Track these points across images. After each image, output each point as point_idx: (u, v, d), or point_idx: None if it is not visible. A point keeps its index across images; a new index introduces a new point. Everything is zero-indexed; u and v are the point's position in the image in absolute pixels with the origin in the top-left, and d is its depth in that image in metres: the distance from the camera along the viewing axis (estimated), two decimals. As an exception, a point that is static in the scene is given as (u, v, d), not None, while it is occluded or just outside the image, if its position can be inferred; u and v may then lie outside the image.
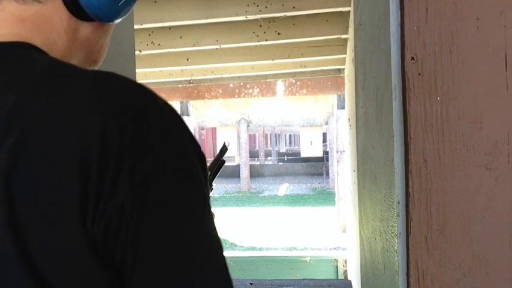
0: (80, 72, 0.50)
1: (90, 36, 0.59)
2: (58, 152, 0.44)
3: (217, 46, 3.69)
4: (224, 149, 0.99)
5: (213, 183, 0.93)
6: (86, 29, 0.59)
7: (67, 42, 0.57)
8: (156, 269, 0.45)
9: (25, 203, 0.44)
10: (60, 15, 0.56)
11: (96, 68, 0.65)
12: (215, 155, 0.98)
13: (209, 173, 0.91)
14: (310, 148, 16.54)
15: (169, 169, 0.47)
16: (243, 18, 3.07)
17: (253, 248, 7.82)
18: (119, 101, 0.46)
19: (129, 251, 0.45)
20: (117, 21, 0.62)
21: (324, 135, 19.04)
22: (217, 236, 0.50)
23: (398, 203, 0.77)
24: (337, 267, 5.39)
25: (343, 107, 7.77)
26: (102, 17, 0.58)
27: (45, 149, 0.44)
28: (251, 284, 3.86)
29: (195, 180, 0.48)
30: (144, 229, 0.45)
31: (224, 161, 0.99)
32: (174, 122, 0.49)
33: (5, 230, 0.43)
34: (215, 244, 0.49)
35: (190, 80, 5.26)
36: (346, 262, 5.09)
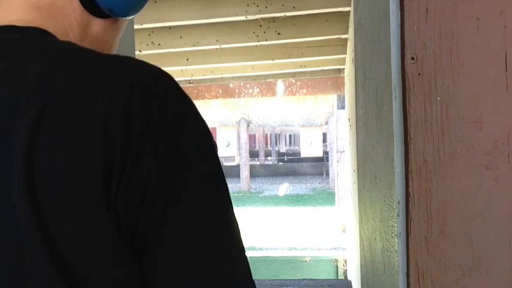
0: (102, 54, 0.50)
1: (101, 33, 0.59)
2: (82, 121, 0.44)
3: (217, 46, 3.69)
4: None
5: None
6: (97, 25, 0.58)
7: (79, 35, 0.57)
8: (179, 259, 0.45)
9: (46, 173, 0.43)
10: (73, 7, 0.56)
11: None
12: None
13: None
14: (310, 148, 16.52)
15: (197, 146, 0.48)
16: (243, 18, 3.07)
17: (253, 248, 7.82)
18: (143, 79, 0.47)
19: (152, 233, 0.44)
20: (130, 17, 0.61)
21: (324, 135, 19.04)
22: (239, 231, 0.50)
23: (398, 203, 0.77)
24: (337, 267, 5.39)
25: (343, 107, 7.77)
26: (116, 11, 0.58)
27: (69, 119, 0.44)
28: (251, 284, 3.85)
29: (220, 167, 0.49)
30: (170, 207, 0.45)
31: None
32: (193, 105, 0.50)
33: (24, 200, 0.43)
34: (239, 240, 0.49)
35: (190, 80, 5.26)
36: (346, 262, 5.09)
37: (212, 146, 0.49)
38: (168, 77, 0.48)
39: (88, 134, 0.44)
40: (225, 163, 22.56)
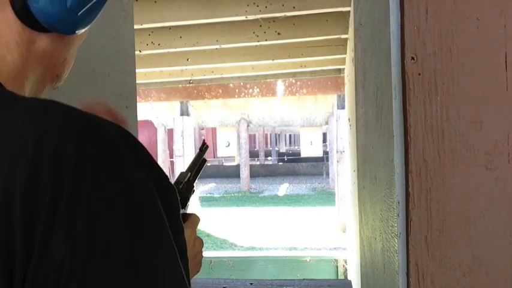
0: (15, 100, 0.43)
1: (49, 49, 0.52)
2: None
3: (217, 46, 3.69)
4: (204, 148, 0.96)
5: (195, 185, 0.90)
6: (43, 41, 0.51)
7: (19, 56, 0.50)
8: None
9: None
10: (10, 25, 0.49)
11: (60, 82, 0.58)
12: (195, 155, 0.95)
13: (189, 174, 0.89)
14: (310, 148, 16.52)
15: (118, 213, 0.40)
16: (243, 18, 3.07)
17: (253, 248, 7.82)
18: (56, 130, 0.40)
19: None
20: (79, 32, 0.54)
21: (324, 135, 19.04)
22: (183, 279, 0.44)
23: (398, 203, 0.77)
24: (337, 267, 5.39)
25: (343, 107, 7.78)
26: (59, 28, 0.50)
27: None
28: (251, 284, 3.86)
29: (152, 221, 0.42)
30: (90, 284, 0.38)
31: (205, 160, 0.95)
32: (126, 151, 0.43)
33: None
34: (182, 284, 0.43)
35: (190, 80, 5.26)
36: (346, 262, 5.09)
37: (149, 197, 0.42)
38: (91, 124, 0.42)
39: None
40: (225, 163, 22.56)
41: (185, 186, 0.86)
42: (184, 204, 0.85)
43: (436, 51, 0.75)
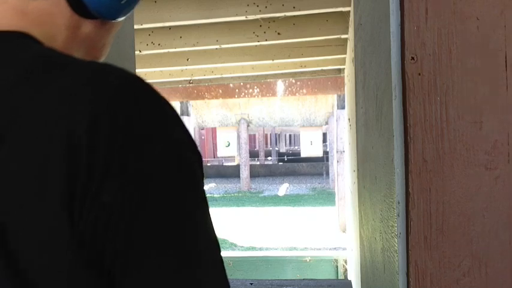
0: (75, 63, 0.48)
1: (92, 34, 0.59)
2: (43, 141, 0.42)
3: (217, 46, 3.69)
4: None
5: None
6: (87, 26, 0.57)
7: (67, 38, 0.56)
8: (149, 279, 0.43)
9: (5, 199, 0.42)
10: (61, 11, 0.55)
11: None
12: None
13: None
14: (310, 148, 16.53)
15: (166, 166, 0.45)
16: (243, 18, 3.07)
17: (253, 248, 7.83)
18: (112, 94, 0.44)
19: (119, 256, 0.43)
20: (120, 19, 0.61)
21: (324, 135, 19.05)
22: (217, 242, 0.48)
23: (398, 203, 0.77)
24: (337, 267, 5.39)
25: (343, 107, 7.78)
26: (104, 14, 0.57)
27: (28, 135, 0.42)
28: (251, 284, 3.86)
29: (194, 180, 0.47)
30: (137, 232, 0.43)
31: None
32: (172, 117, 0.47)
33: None
34: (215, 253, 0.47)
35: (190, 80, 5.26)
36: (346, 262, 5.09)
37: (191, 160, 0.47)
38: (143, 90, 0.46)
39: (48, 151, 0.42)
40: (225, 163, 22.57)
41: None
42: None
43: (435, 51, 0.75)
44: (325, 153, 18.42)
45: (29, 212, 0.42)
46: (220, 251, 0.48)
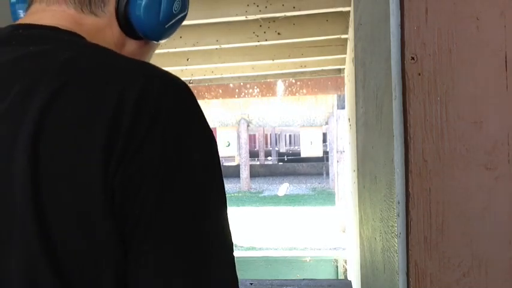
0: (125, 56, 0.56)
1: (136, 52, 0.65)
2: (95, 97, 0.47)
3: (217, 46, 3.69)
4: None
5: None
6: (131, 45, 0.64)
7: None
8: (168, 250, 0.46)
9: (51, 138, 0.45)
10: (112, 29, 0.61)
11: None
12: None
13: None
14: (310, 148, 16.52)
15: (202, 147, 0.49)
16: (243, 18, 3.06)
17: (253, 248, 7.82)
18: (161, 78, 0.50)
19: (144, 218, 0.45)
20: (162, 41, 0.67)
21: (324, 135, 19.03)
22: (229, 230, 0.52)
23: (398, 203, 0.77)
24: (337, 267, 5.39)
25: (343, 107, 7.78)
26: (150, 36, 0.63)
27: (83, 93, 0.47)
28: (251, 284, 3.86)
29: (219, 171, 0.51)
30: (167, 193, 0.46)
31: None
32: (205, 119, 0.52)
33: (25, 167, 0.44)
34: (229, 238, 0.51)
35: (190, 80, 5.26)
36: (346, 262, 5.09)
37: (215, 152, 0.52)
38: (184, 85, 0.52)
39: (97, 108, 0.46)
40: (225, 163, 22.57)
41: None
42: None
43: (435, 51, 0.75)
44: (325, 153, 18.41)
45: (68, 167, 0.45)
46: (232, 246, 0.52)
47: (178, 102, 0.50)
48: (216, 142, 0.52)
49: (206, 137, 0.51)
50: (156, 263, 0.45)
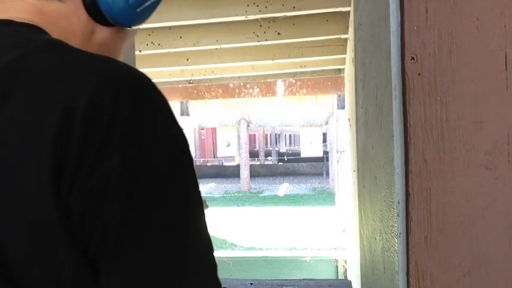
0: (82, 51, 0.50)
1: (107, 40, 0.59)
2: (42, 105, 0.42)
3: (217, 46, 3.69)
4: None
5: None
6: (102, 33, 0.59)
7: (81, 42, 0.56)
8: (140, 262, 0.42)
9: None
10: (78, 15, 0.56)
11: None
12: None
13: None
14: (310, 148, 16.53)
15: (167, 149, 0.45)
16: (243, 18, 3.06)
17: (253, 248, 7.82)
18: (118, 78, 0.45)
19: (111, 235, 0.41)
20: (135, 27, 0.62)
21: (324, 135, 19.04)
22: (208, 234, 0.47)
23: (398, 203, 0.77)
24: (337, 267, 5.39)
25: (343, 107, 7.77)
26: (120, 21, 0.58)
27: (29, 101, 0.43)
28: (251, 284, 3.86)
29: (189, 173, 0.46)
30: (133, 210, 0.42)
31: None
32: (169, 109, 0.47)
33: None
34: (207, 243, 0.47)
35: (190, 80, 5.26)
36: (346, 262, 5.09)
37: (185, 156, 0.47)
38: (145, 82, 0.46)
39: (42, 120, 0.42)
40: (225, 163, 22.56)
41: None
42: None
43: (435, 51, 0.75)
44: (325, 153, 18.41)
45: (14, 183, 0.42)
46: (212, 250, 0.47)
47: (138, 106, 0.44)
48: (186, 142, 0.47)
49: (173, 141, 0.46)
50: (126, 284, 0.42)
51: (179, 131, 0.47)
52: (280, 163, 23.26)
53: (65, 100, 0.42)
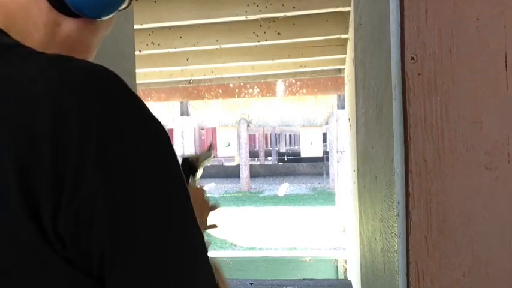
0: (36, 52, 0.45)
1: (73, 34, 0.53)
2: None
3: (217, 46, 3.69)
4: (210, 148, 1.03)
5: (199, 167, 0.96)
6: (69, 25, 0.53)
7: (45, 36, 0.52)
8: (137, 277, 0.41)
9: None
10: (39, 5, 0.50)
11: None
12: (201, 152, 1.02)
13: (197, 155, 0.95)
14: (310, 148, 16.52)
15: (148, 154, 0.42)
16: (243, 18, 3.06)
17: (253, 248, 7.82)
18: (77, 79, 0.41)
19: (106, 254, 0.40)
20: (104, 18, 0.55)
21: (324, 135, 19.04)
22: (202, 237, 0.46)
23: (398, 203, 0.77)
24: (337, 267, 5.39)
25: (343, 107, 7.77)
26: (85, 11, 0.52)
27: None
28: (251, 284, 3.86)
29: (174, 175, 0.44)
30: (124, 228, 0.40)
31: (211, 154, 1.02)
32: (143, 105, 0.44)
33: None
34: (201, 250, 0.45)
35: (190, 80, 5.26)
36: (346, 262, 5.09)
37: (166, 153, 0.44)
38: (109, 82, 0.43)
39: (3, 148, 0.38)
40: (225, 163, 22.55)
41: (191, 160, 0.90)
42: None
43: (435, 51, 0.75)
44: (325, 153, 18.40)
45: None
46: (207, 253, 0.46)
47: (109, 114, 0.40)
48: (165, 139, 0.44)
49: (152, 143, 0.43)
50: None
51: (157, 127, 0.44)
52: (280, 163, 23.26)
53: (22, 121, 0.38)
